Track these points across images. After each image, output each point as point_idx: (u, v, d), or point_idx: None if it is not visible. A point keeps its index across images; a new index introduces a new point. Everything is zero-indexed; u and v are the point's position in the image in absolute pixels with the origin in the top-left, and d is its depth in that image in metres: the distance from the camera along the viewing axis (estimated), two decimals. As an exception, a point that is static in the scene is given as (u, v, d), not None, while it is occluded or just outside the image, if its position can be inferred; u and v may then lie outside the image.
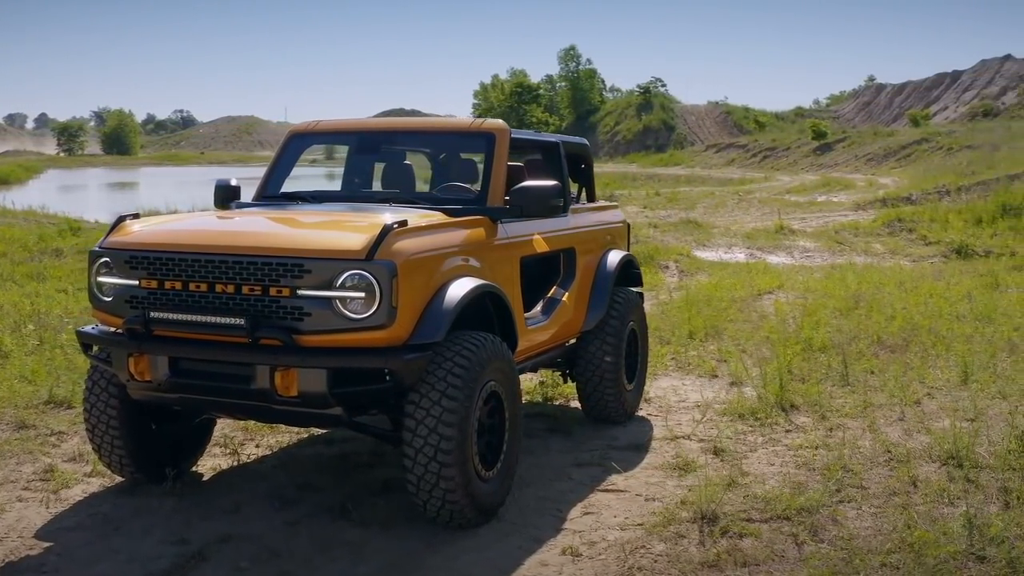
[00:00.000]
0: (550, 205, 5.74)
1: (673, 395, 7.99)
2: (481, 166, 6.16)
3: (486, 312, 5.32)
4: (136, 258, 4.91)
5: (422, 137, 6.93)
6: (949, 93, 75.78)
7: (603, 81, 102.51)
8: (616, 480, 5.86)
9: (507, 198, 5.83)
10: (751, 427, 6.92)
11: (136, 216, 5.33)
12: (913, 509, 5.17)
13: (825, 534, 4.89)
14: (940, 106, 72.86)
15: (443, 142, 6.70)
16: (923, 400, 7.56)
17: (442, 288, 4.90)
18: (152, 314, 4.81)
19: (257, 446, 6.48)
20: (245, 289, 4.66)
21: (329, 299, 4.55)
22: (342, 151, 7.35)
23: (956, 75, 78.15)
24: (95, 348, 5.24)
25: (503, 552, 4.78)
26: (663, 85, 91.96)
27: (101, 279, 5.05)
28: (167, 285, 4.82)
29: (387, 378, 4.65)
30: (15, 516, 5.19)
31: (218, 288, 4.71)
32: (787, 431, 6.81)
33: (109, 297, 5.03)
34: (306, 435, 6.70)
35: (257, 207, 6.01)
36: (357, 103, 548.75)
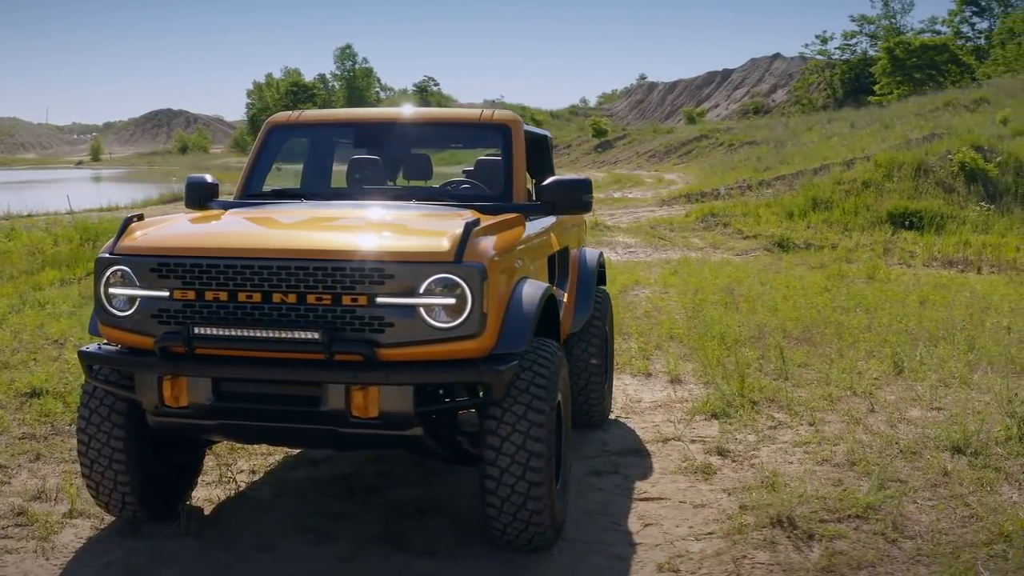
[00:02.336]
0: (583, 200, 5.58)
1: (622, 395, 8.01)
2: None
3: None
4: (167, 265, 4.36)
5: (427, 129, 6.57)
6: (720, 91, 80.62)
7: (379, 80, 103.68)
8: (645, 488, 5.80)
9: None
10: (733, 425, 7.03)
11: (141, 217, 4.75)
12: (965, 499, 5.42)
13: (908, 530, 5.02)
14: (712, 103, 77.33)
15: (451, 135, 6.42)
16: (875, 392, 7.95)
17: (514, 292, 4.66)
18: (196, 330, 4.28)
19: (240, 471, 5.97)
20: (311, 298, 4.22)
21: (413, 307, 4.19)
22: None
23: (727, 73, 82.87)
24: (99, 370, 4.64)
25: (595, 574, 4.62)
26: (436, 84, 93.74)
27: (114, 290, 4.46)
28: (208, 296, 4.30)
29: (480, 393, 4.37)
30: (17, 571, 4.52)
31: (275, 298, 4.24)
32: (772, 427, 6.97)
33: (125, 311, 4.44)
34: (282, 456, 6.24)
35: (262, 206, 5.51)
36: (123, 103, 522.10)
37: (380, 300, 4.18)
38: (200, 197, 5.78)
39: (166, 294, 4.35)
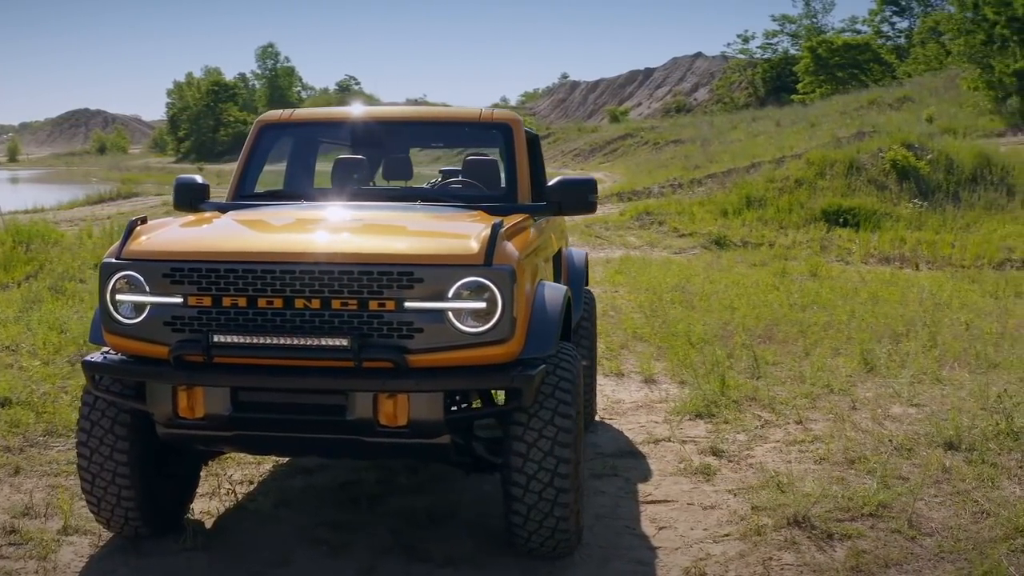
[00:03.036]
0: (588, 201, 5.56)
1: (601, 397, 8.00)
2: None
3: None
4: (181, 270, 4.20)
5: (426, 129, 6.48)
6: (643, 90, 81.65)
7: (301, 79, 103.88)
8: (648, 490, 5.80)
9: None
10: (721, 425, 7.07)
11: (144, 220, 4.58)
12: (970, 495, 5.52)
13: (924, 528, 5.10)
14: (634, 102, 78.23)
15: (450, 134, 6.34)
16: (851, 389, 8.07)
17: (536, 295, 4.61)
18: (216, 338, 4.14)
19: (234, 481, 5.81)
20: (336, 304, 4.10)
21: (442, 312, 4.11)
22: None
23: (649, 72, 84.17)
24: (103, 380, 4.47)
25: (622, 579, 4.60)
26: (358, 83, 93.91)
27: (121, 297, 4.28)
28: (226, 302, 4.16)
29: (499, 400, 4.31)
30: (24, 593, 4.32)
31: (298, 303, 4.12)
32: (760, 427, 7.03)
33: (134, 318, 4.27)
34: (272, 464, 6.10)
35: (264, 208, 5.36)
36: (39, 103, 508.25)
37: (408, 305, 4.09)
38: (191, 198, 5.61)
39: (179, 300, 4.19)
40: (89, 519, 5.06)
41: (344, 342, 4.06)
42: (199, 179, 5.67)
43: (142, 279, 4.24)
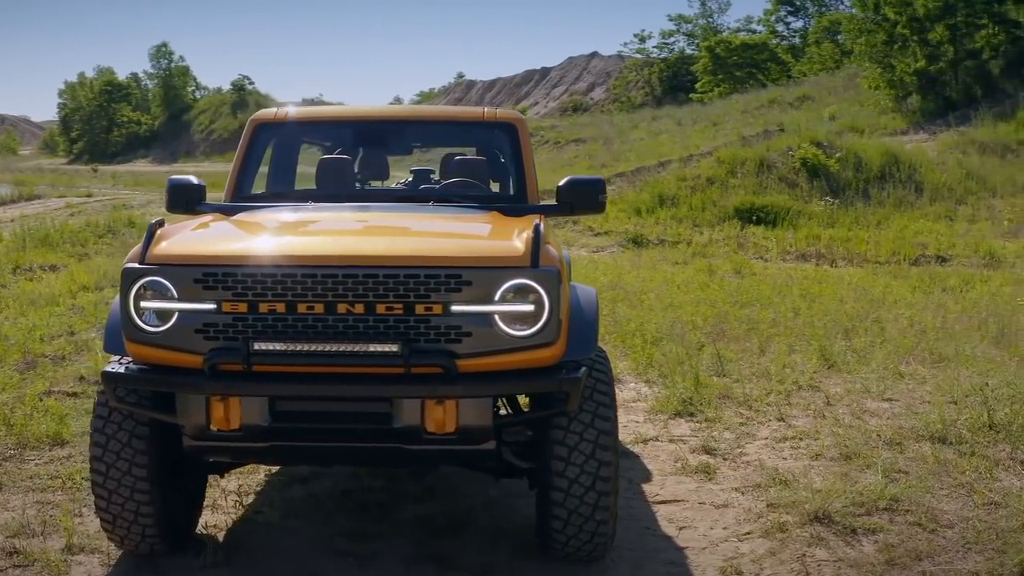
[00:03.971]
0: (598, 201, 5.57)
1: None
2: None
3: None
4: (214, 275, 4.05)
5: (429, 128, 6.40)
6: (539, 89, 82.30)
7: (196, 79, 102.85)
8: (654, 490, 5.84)
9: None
10: (704, 424, 7.16)
11: (162, 223, 4.41)
12: (972, 487, 5.70)
13: (941, 520, 5.25)
14: (531, 101, 78.76)
15: (454, 134, 6.28)
16: (820, 385, 8.25)
17: (572, 296, 4.61)
18: (256, 346, 4.01)
19: (229, 492, 5.65)
20: (381, 308, 4.02)
21: (489, 315, 4.07)
22: None
23: (545, 71, 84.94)
24: (121, 392, 4.29)
25: (660, 580, 4.62)
26: (251, 83, 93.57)
27: (147, 304, 4.11)
28: (263, 308, 4.03)
29: (556, 402, 4.28)
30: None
31: (341, 309, 4.02)
32: (743, 424, 7.14)
33: (159, 326, 4.10)
34: (264, 473, 5.96)
35: (278, 210, 5.22)
36: None
37: (456, 308, 4.03)
38: (187, 200, 5.43)
39: (212, 307, 4.05)
40: (92, 536, 4.90)
41: (394, 348, 3.99)
42: (194, 180, 5.50)
43: (169, 285, 4.08)
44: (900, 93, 31.15)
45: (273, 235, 4.57)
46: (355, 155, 6.50)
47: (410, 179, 7.24)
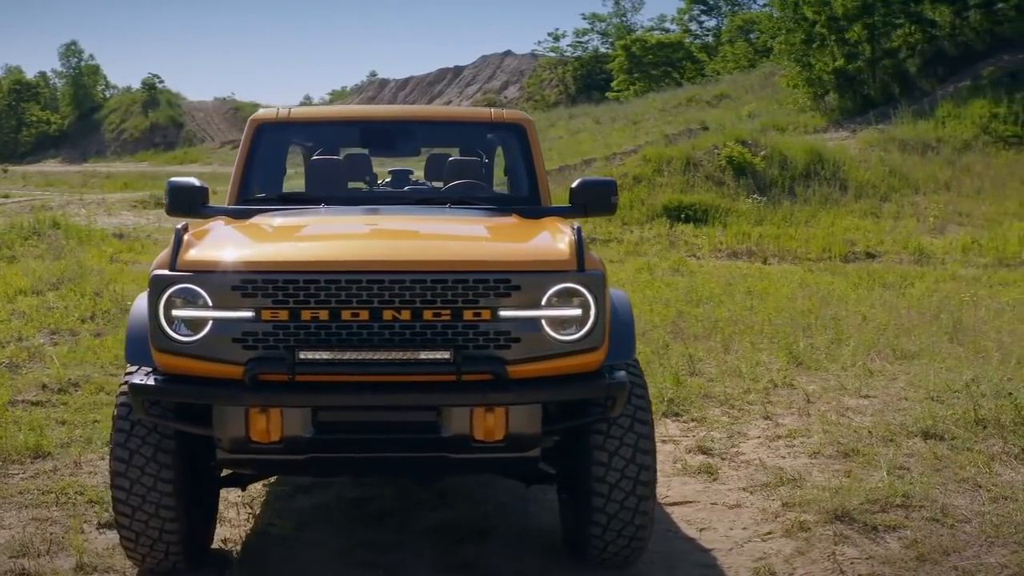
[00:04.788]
0: (611, 202, 5.58)
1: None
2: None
3: None
4: (253, 282, 3.94)
5: (437, 129, 6.32)
6: (452, 87, 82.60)
7: (106, 78, 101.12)
8: (663, 492, 5.87)
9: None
10: (691, 424, 7.22)
11: (187, 228, 4.26)
12: (975, 481, 5.84)
13: (957, 515, 5.36)
14: (444, 100, 78.86)
15: (462, 134, 6.24)
16: (793, 383, 8.36)
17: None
18: (302, 355, 3.91)
19: (230, 504, 5.50)
20: (428, 314, 3.96)
21: (537, 320, 4.04)
22: None
23: (458, 70, 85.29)
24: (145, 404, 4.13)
25: (696, 583, 4.65)
26: (161, 81, 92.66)
27: (179, 312, 3.98)
28: (305, 316, 3.94)
29: (602, 407, 4.27)
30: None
31: (386, 315, 3.95)
32: (732, 423, 7.21)
33: (191, 336, 3.97)
34: (262, 483, 5.82)
35: (296, 213, 5.11)
36: None
37: (504, 314, 4.00)
38: (189, 202, 5.27)
39: (250, 315, 3.94)
40: (102, 554, 4.78)
41: (445, 355, 3.94)
42: (196, 181, 5.34)
43: (203, 292, 3.96)
44: (818, 91, 31.83)
45: (311, 240, 4.48)
46: (350, 156, 6.40)
47: (388, 180, 7.15)
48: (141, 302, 4.47)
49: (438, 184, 6.51)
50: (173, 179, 5.39)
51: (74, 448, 6.32)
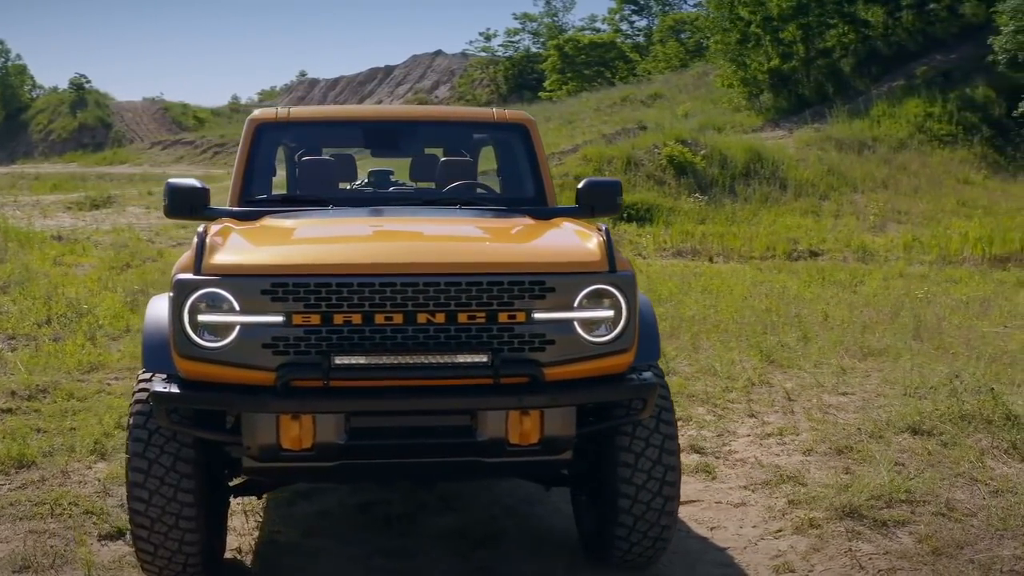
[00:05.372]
0: (616, 203, 5.59)
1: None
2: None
3: None
4: (284, 286, 3.86)
5: (439, 129, 6.27)
6: (383, 87, 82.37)
7: (33, 78, 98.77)
8: (664, 492, 5.87)
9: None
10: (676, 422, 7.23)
11: (207, 231, 4.15)
12: (971, 475, 5.96)
13: (961, 509, 5.46)
14: (375, 100, 78.52)
15: (464, 135, 6.24)
16: (771, 381, 8.45)
17: None
18: (337, 360, 3.84)
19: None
20: (462, 317, 3.93)
21: (570, 322, 4.03)
22: None
23: (389, 70, 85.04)
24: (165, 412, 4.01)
25: (718, 581, 4.67)
26: (88, 81, 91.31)
27: (205, 318, 3.88)
28: (338, 320, 3.87)
29: (635, 408, 4.27)
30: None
31: (420, 318, 3.91)
32: (717, 422, 7.27)
33: (217, 341, 3.88)
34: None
35: (313, 213, 5.05)
36: None
37: (537, 316, 3.98)
38: (190, 205, 5.13)
39: (280, 319, 3.86)
40: (108, 567, 4.68)
41: (483, 358, 3.91)
42: (196, 183, 5.21)
43: (230, 297, 3.87)
44: (753, 91, 32.30)
45: (340, 243, 4.41)
46: (337, 156, 6.32)
47: (366, 180, 7.07)
48: (156, 307, 4.37)
49: (424, 185, 6.48)
50: (172, 180, 5.25)
51: (59, 457, 6.16)
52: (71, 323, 10.08)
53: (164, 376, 4.08)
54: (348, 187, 6.48)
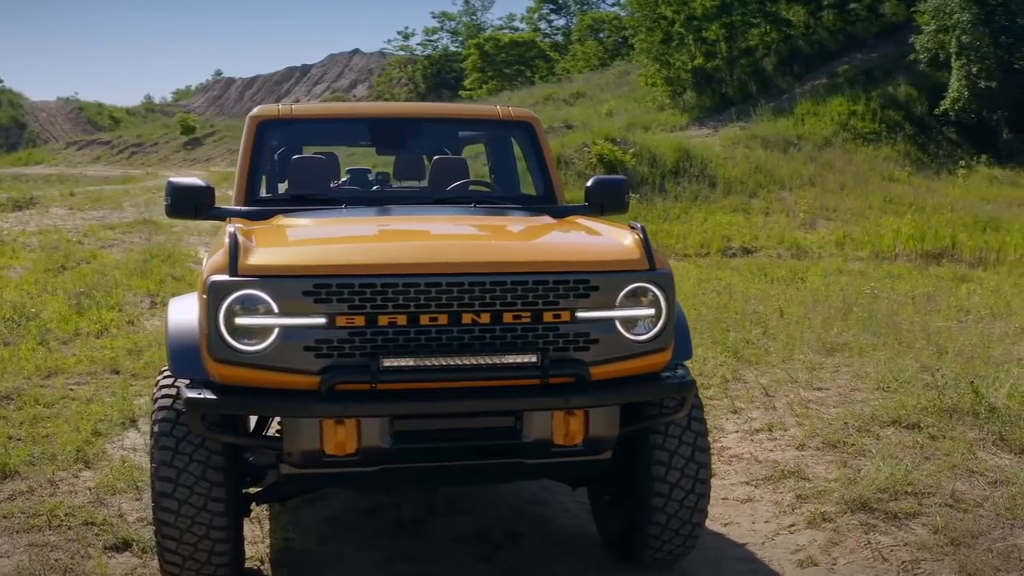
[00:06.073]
0: (624, 201, 5.59)
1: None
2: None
3: None
4: (327, 287, 3.76)
5: (444, 126, 6.21)
6: (300, 86, 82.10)
7: None
8: (667, 490, 5.88)
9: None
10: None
11: (238, 230, 4.02)
12: (967, 466, 6.08)
13: (968, 499, 5.57)
14: (292, 98, 78.08)
15: (470, 132, 6.25)
16: (744, 377, 8.54)
17: None
18: (385, 362, 3.76)
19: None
20: (507, 317, 3.88)
21: (612, 320, 4.01)
22: None
23: (306, 69, 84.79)
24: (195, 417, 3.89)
25: (745, 577, 4.69)
26: (1, 81, 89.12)
27: (242, 320, 3.76)
28: (382, 320, 3.79)
29: (669, 407, 4.30)
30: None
31: (465, 319, 3.85)
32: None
33: (255, 344, 3.76)
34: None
35: (333, 212, 4.95)
36: None
37: (581, 315, 3.95)
38: (195, 204, 4.96)
39: (322, 321, 3.77)
40: (125, 580, 4.45)
41: (532, 359, 3.87)
42: (201, 181, 5.05)
43: (268, 298, 3.76)
44: (677, 89, 32.66)
45: (379, 242, 4.32)
46: (326, 155, 6.23)
47: (346, 178, 6.96)
48: (179, 310, 4.24)
49: (410, 183, 6.42)
50: (174, 179, 5.07)
51: (43, 466, 5.95)
52: (19, 327, 9.76)
53: (188, 381, 3.96)
54: (334, 185, 6.39)
